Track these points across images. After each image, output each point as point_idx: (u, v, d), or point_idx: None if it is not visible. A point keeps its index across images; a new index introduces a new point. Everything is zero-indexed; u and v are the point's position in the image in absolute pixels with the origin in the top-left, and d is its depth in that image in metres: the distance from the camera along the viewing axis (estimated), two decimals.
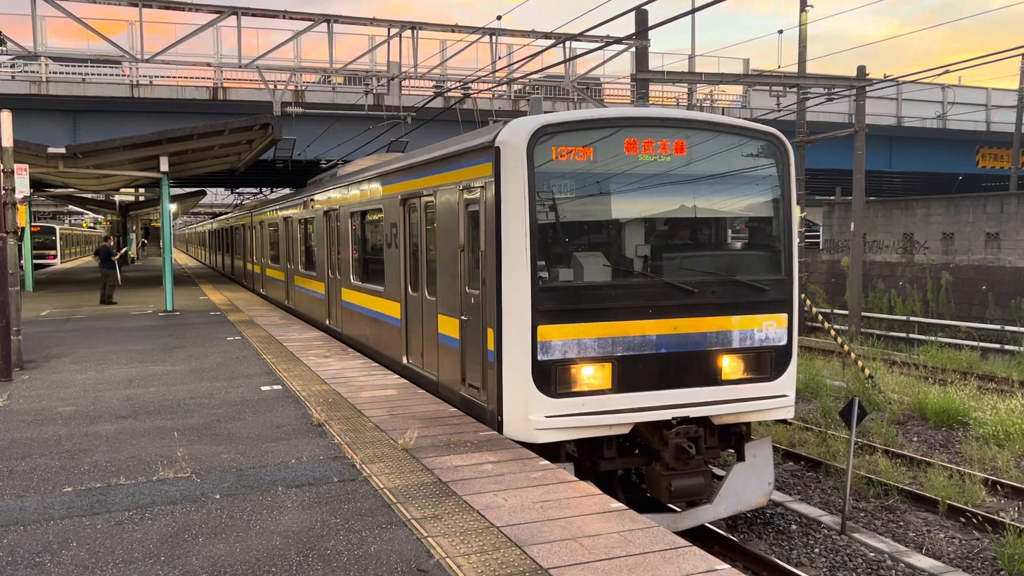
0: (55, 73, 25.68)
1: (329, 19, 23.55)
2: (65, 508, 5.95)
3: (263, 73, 24.16)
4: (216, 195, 69.11)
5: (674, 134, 8.16)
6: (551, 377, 7.67)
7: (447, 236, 9.21)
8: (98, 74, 26.62)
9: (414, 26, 24.54)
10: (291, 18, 23.31)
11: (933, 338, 23.69)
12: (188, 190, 45.79)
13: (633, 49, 23.17)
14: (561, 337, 7.69)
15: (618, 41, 16.54)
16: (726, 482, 8.71)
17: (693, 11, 11.86)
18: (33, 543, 5.29)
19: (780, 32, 33.61)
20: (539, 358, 7.62)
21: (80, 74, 26.17)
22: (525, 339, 7.61)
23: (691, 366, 8.12)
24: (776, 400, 8.51)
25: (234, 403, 9.43)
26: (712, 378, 8.20)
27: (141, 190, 39.47)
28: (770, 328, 8.46)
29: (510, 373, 7.77)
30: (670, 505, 8.78)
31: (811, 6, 25.94)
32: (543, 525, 5.43)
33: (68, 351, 13.70)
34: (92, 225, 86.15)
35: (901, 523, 10.09)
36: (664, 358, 8.02)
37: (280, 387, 10.33)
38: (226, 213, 46.62)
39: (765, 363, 8.46)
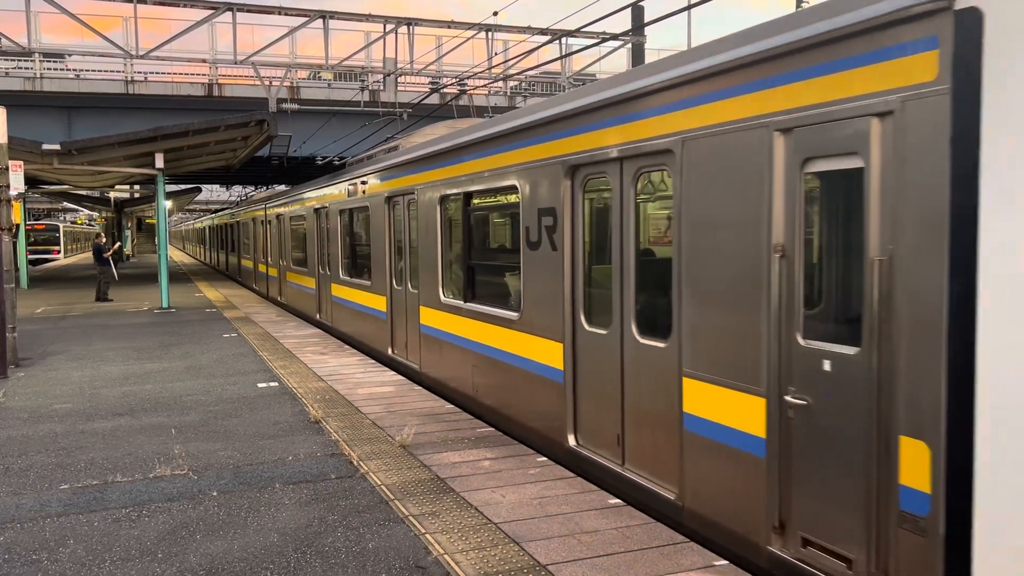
0: (49, 70, 25.62)
1: (324, 15, 23.49)
2: (62, 505, 5.94)
3: (258, 69, 24.11)
4: (211, 192, 69.31)
5: None
6: None
7: (723, 228, 4.99)
8: (93, 70, 26.57)
9: (410, 22, 24.51)
10: (286, 14, 23.26)
11: None
12: (183, 187, 45.75)
13: (629, 45, 23.16)
14: None
15: (614, 37, 16.52)
16: None
17: (689, 7, 11.82)
18: (30, 541, 5.28)
19: None
20: None
21: (75, 70, 26.13)
22: None
23: None
24: None
25: (231, 400, 9.42)
26: None
27: (136, 187, 39.40)
28: None
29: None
30: None
31: (806, 3, 25.95)
32: (541, 521, 5.43)
33: (64, 348, 13.67)
34: (88, 222, 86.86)
35: None
36: None
37: (277, 384, 10.32)
38: (226, 208, 46.41)
39: None
